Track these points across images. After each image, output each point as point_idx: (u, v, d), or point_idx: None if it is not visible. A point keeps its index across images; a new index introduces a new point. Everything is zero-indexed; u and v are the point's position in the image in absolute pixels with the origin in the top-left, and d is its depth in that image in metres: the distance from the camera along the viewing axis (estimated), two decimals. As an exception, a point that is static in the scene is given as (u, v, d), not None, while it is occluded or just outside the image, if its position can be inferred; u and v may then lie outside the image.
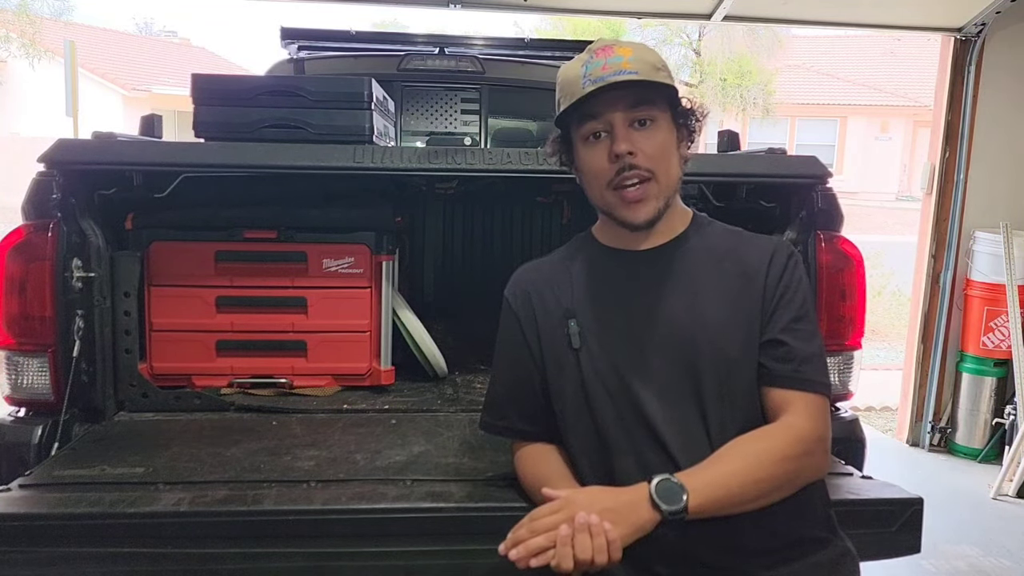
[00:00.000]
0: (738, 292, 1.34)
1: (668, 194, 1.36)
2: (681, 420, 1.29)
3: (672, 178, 1.36)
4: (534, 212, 3.13)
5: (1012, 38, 4.14)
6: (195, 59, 21.47)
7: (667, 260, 1.39)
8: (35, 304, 1.80)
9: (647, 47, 1.39)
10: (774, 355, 1.31)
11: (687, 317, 1.33)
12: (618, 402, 1.33)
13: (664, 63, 1.37)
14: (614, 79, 1.29)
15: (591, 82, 1.31)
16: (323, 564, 1.43)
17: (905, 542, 1.57)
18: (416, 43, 3.69)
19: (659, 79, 1.32)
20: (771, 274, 1.35)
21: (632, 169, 1.32)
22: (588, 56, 1.34)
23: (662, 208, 1.35)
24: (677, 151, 1.38)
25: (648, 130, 1.33)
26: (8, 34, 16.07)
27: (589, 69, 1.32)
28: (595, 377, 1.35)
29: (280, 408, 1.99)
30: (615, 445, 1.32)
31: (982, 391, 4.26)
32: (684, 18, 5.17)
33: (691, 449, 1.27)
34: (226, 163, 1.87)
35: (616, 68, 1.30)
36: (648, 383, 1.31)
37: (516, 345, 1.46)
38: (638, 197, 1.33)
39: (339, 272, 2.09)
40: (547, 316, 1.42)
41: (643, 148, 1.32)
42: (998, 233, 4.13)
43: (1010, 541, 3.39)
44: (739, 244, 1.42)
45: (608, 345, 1.35)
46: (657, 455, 1.29)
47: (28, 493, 1.47)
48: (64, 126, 9.59)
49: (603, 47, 1.34)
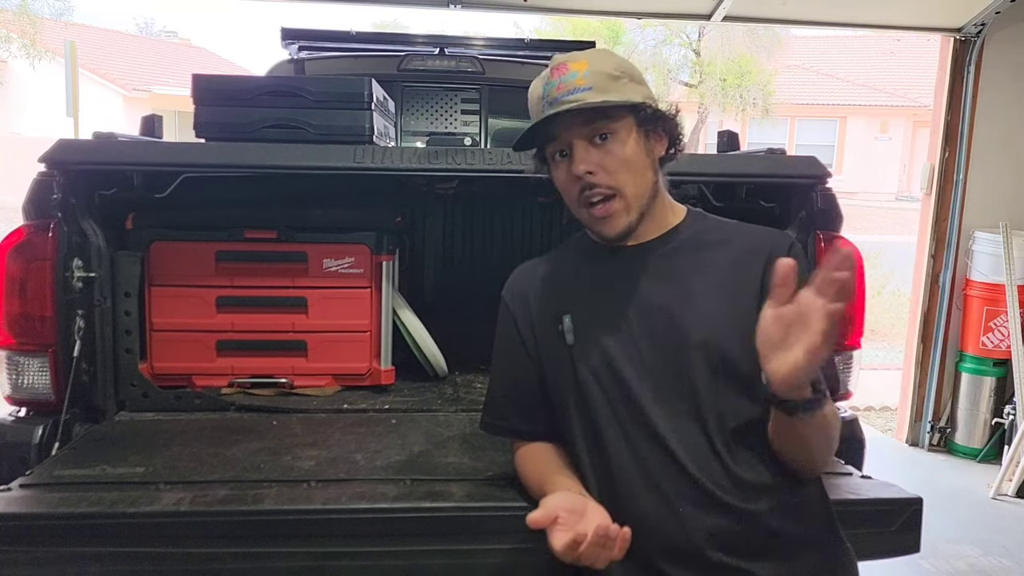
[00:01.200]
0: (733, 282, 1.33)
1: (639, 204, 1.34)
2: (677, 414, 1.29)
3: (641, 187, 1.34)
4: (534, 212, 3.13)
5: (1012, 38, 4.14)
6: (195, 59, 21.48)
7: (659, 254, 1.38)
8: (36, 304, 1.80)
9: (604, 53, 1.37)
10: None
11: (679, 309, 1.32)
12: (612, 397, 1.33)
13: (624, 67, 1.35)
14: (568, 100, 1.28)
15: (548, 104, 1.31)
16: (323, 564, 1.43)
17: (904, 542, 1.57)
18: (416, 43, 3.69)
19: (613, 92, 1.30)
20: (771, 266, 1.31)
21: (594, 188, 1.32)
22: (547, 75, 1.34)
23: (634, 220, 1.34)
24: (647, 156, 1.35)
25: (608, 144, 1.31)
26: (9, 34, 16.09)
27: (546, 91, 1.32)
28: (589, 373, 1.35)
29: (280, 408, 1.99)
30: (611, 440, 1.32)
31: (981, 391, 4.26)
32: (684, 18, 5.18)
33: (688, 443, 1.27)
34: (226, 163, 1.87)
35: (570, 87, 1.30)
36: (643, 377, 1.31)
37: (513, 345, 1.46)
38: (604, 214, 1.33)
39: (339, 272, 2.10)
40: (542, 314, 1.43)
41: (603, 165, 1.31)
42: (998, 233, 4.13)
43: (1010, 541, 3.39)
44: (734, 234, 1.41)
45: (601, 340, 1.35)
46: (653, 450, 1.28)
47: (28, 493, 1.47)
48: (64, 126, 9.60)
49: (558, 65, 1.33)
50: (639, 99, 1.32)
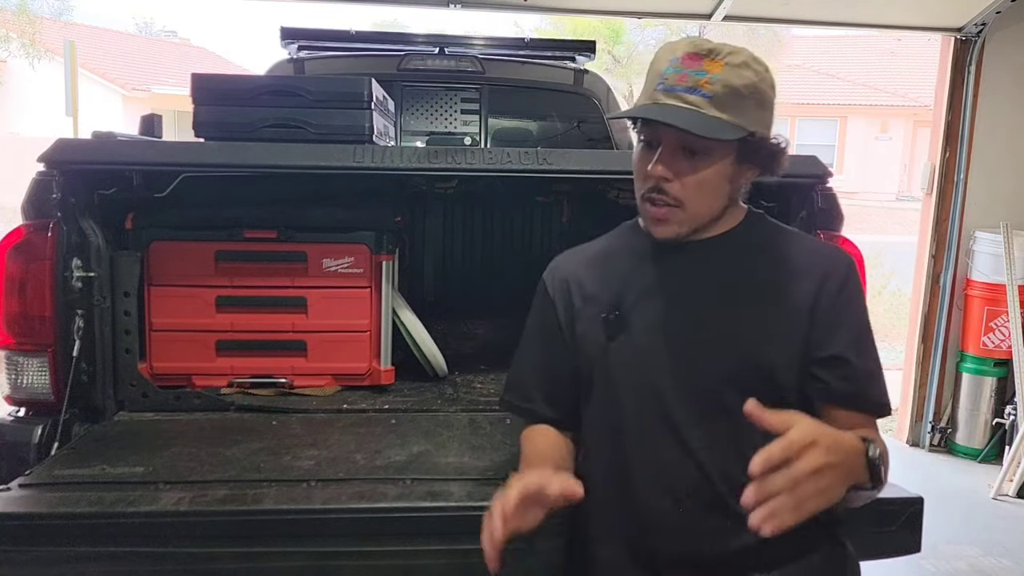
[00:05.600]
0: (786, 297, 1.27)
1: (698, 222, 1.28)
2: (706, 422, 1.25)
3: (707, 210, 1.28)
4: (534, 212, 3.13)
5: (1012, 38, 4.14)
6: (195, 59, 21.45)
7: (712, 256, 1.31)
8: (35, 304, 1.80)
9: (745, 64, 1.22)
10: (836, 373, 1.26)
11: (725, 318, 1.28)
12: (642, 394, 1.29)
13: (756, 88, 1.23)
14: (679, 97, 1.19)
15: (662, 86, 1.22)
16: (323, 563, 1.43)
17: (905, 542, 1.57)
18: (416, 43, 3.69)
19: (731, 111, 1.20)
20: (829, 285, 1.27)
21: (661, 192, 1.25)
22: (680, 53, 1.22)
23: (686, 232, 1.28)
24: (729, 184, 1.27)
25: (696, 160, 1.23)
26: (8, 34, 16.10)
27: (668, 71, 1.22)
28: (622, 370, 1.31)
29: (280, 408, 1.99)
30: (633, 442, 1.29)
31: (982, 391, 4.26)
32: (684, 18, 5.16)
33: (716, 453, 1.24)
34: (226, 163, 1.87)
35: (692, 83, 1.20)
36: (675, 381, 1.27)
37: (550, 330, 1.40)
38: (662, 217, 1.27)
39: (339, 272, 2.09)
40: (584, 304, 1.37)
41: (682, 177, 1.24)
42: (998, 233, 4.13)
43: (1010, 541, 3.39)
44: (791, 245, 1.34)
45: (639, 338, 1.30)
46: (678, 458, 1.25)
47: (28, 493, 1.47)
48: (64, 126, 9.59)
49: (694, 52, 1.21)
50: (751, 129, 1.23)
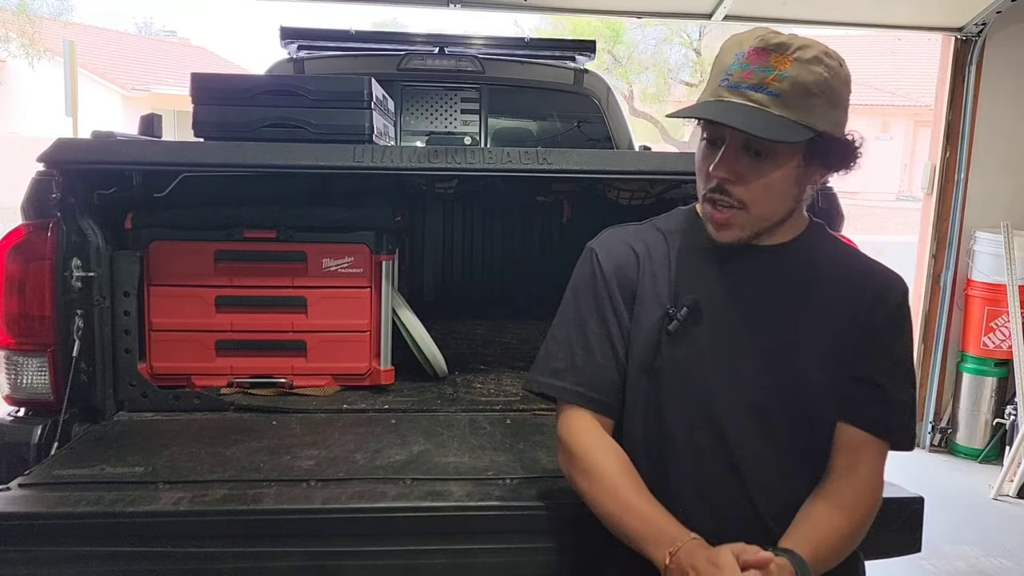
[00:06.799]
0: (838, 316, 1.26)
1: (761, 225, 1.24)
2: (754, 438, 1.23)
3: (772, 213, 1.24)
4: (534, 212, 3.13)
5: (1012, 38, 4.14)
6: (195, 59, 21.47)
7: (776, 267, 1.28)
8: (35, 304, 1.79)
9: (816, 60, 1.17)
10: (866, 394, 1.25)
11: (783, 331, 1.25)
12: (691, 396, 1.25)
13: (826, 86, 1.17)
14: (745, 95, 1.15)
15: (728, 82, 1.18)
16: (323, 563, 1.43)
17: (905, 542, 1.58)
18: (416, 43, 3.69)
19: (799, 110, 1.15)
20: (879, 308, 1.25)
21: (723, 193, 1.21)
22: (748, 49, 1.17)
23: (747, 236, 1.25)
24: (796, 186, 1.23)
25: (761, 162, 1.18)
26: (8, 34, 16.09)
27: (735, 67, 1.17)
28: (674, 375, 1.27)
29: (280, 408, 1.99)
30: (675, 453, 1.26)
31: (983, 391, 4.26)
32: (684, 17, 5.17)
33: (761, 471, 1.23)
34: (226, 163, 1.87)
35: (758, 81, 1.15)
36: (727, 394, 1.24)
37: (604, 315, 1.32)
38: (723, 221, 1.23)
39: (339, 272, 2.09)
40: (646, 293, 1.31)
41: (746, 178, 1.19)
42: (998, 233, 4.13)
43: (1010, 541, 3.39)
44: (852, 264, 1.32)
45: (696, 345, 1.26)
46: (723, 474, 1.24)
47: (28, 492, 1.47)
48: (63, 126, 9.60)
49: (764, 47, 1.16)
50: (821, 129, 1.18)
